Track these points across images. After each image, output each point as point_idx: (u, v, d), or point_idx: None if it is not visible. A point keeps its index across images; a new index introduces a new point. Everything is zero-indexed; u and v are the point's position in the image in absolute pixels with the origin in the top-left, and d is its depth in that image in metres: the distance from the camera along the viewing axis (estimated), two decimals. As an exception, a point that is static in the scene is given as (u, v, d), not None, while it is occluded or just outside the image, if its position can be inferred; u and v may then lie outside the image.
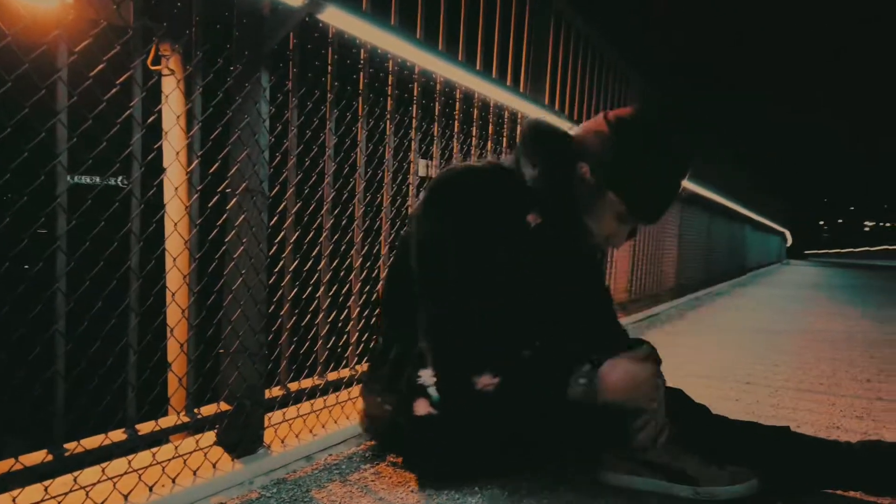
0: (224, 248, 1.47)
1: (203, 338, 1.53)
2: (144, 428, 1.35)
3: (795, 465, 1.41)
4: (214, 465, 1.41)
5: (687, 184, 4.14)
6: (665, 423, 1.36)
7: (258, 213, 1.51)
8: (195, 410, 1.45)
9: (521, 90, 2.97)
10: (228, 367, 1.51)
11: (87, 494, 1.18)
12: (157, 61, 1.84)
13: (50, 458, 1.18)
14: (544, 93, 3.14)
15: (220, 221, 1.47)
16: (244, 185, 1.47)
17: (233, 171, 1.47)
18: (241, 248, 1.47)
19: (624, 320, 4.45)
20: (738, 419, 1.53)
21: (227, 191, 1.49)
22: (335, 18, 1.64)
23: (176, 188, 1.37)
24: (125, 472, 1.28)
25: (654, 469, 1.42)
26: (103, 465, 1.26)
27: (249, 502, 1.34)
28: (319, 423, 1.73)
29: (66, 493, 1.16)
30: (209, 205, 1.47)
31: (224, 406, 1.50)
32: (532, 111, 2.90)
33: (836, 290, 8.93)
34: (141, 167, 1.30)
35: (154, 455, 1.34)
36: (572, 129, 1.54)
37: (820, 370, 2.92)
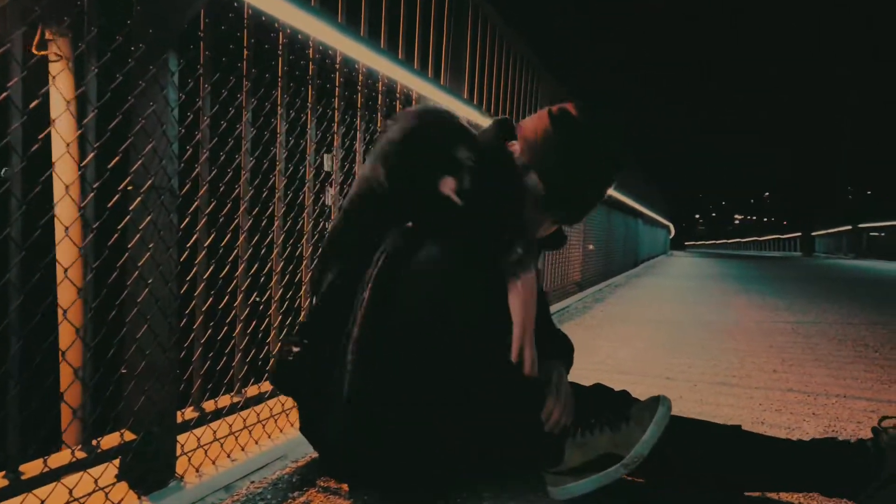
0: (126, 255, 1.24)
1: (103, 359, 1.29)
2: (30, 469, 1.11)
3: (751, 467, 1.33)
4: (118, 506, 1.19)
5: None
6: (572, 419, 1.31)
7: (167, 215, 1.28)
8: (93, 443, 1.22)
9: (442, 83, 2.82)
10: (133, 390, 1.28)
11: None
12: (42, 45, 1.58)
13: None
14: (464, 86, 3.00)
15: (121, 225, 1.23)
16: (150, 181, 1.24)
17: (136, 165, 1.23)
18: (147, 254, 1.24)
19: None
20: (690, 417, 1.44)
21: (129, 188, 1.26)
22: (252, -5, 1.43)
23: (67, 186, 1.13)
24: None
25: (583, 469, 1.31)
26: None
27: (161, 549, 1.12)
28: (238, 446, 1.52)
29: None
30: (108, 205, 1.23)
31: (129, 435, 1.27)
32: (452, 105, 2.76)
33: (719, 279, 9.31)
34: (22, 161, 1.06)
35: (43, 502, 1.10)
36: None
37: (729, 362, 2.94)
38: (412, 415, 1.27)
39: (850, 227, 23.30)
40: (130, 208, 1.24)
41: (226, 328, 1.57)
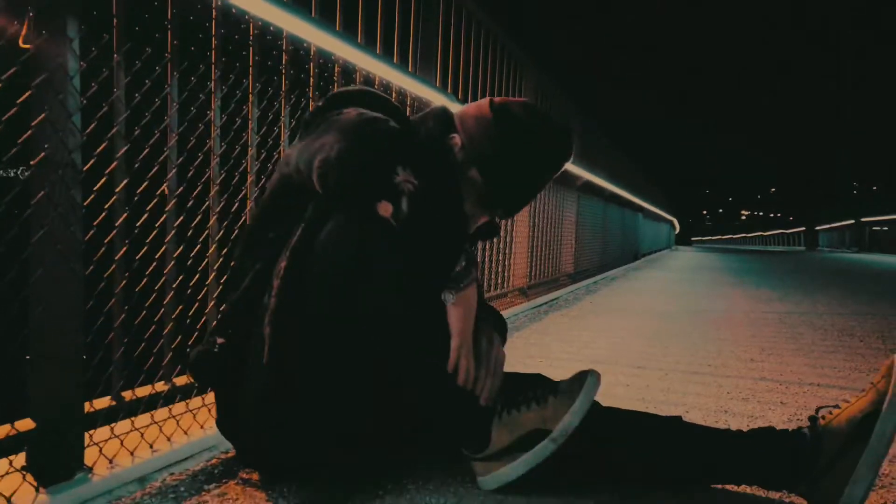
0: (12, 231, 1.14)
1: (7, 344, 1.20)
2: None
3: (682, 459, 1.22)
4: (9, 500, 1.09)
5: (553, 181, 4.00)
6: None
7: (67, 190, 1.18)
8: (-16, 432, 1.12)
9: (410, 69, 2.71)
10: (33, 377, 1.19)
11: None
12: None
13: None
14: (434, 73, 2.90)
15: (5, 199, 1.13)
16: (41, 154, 1.15)
17: (25, 137, 1.14)
18: (41, 231, 1.15)
19: (524, 305, 4.29)
20: (627, 409, 1.33)
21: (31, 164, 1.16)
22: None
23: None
24: None
25: (511, 450, 1.21)
26: None
27: (47, 545, 1.02)
28: (164, 437, 1.42)
29: None
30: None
31: (27, 424, 1.18)
32: (422, 91, 2.65)
33: (718, 272, 9.15)
34: None
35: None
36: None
37: (707, 351, 2.82)
38: (327, 391, 1.17)
39: (852, 222, 22.99)
40: (20, 178, 1.14)
41: (162, 310, 1.48)
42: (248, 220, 1.32)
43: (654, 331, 3.42)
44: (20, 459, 1.18)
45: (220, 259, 1.64)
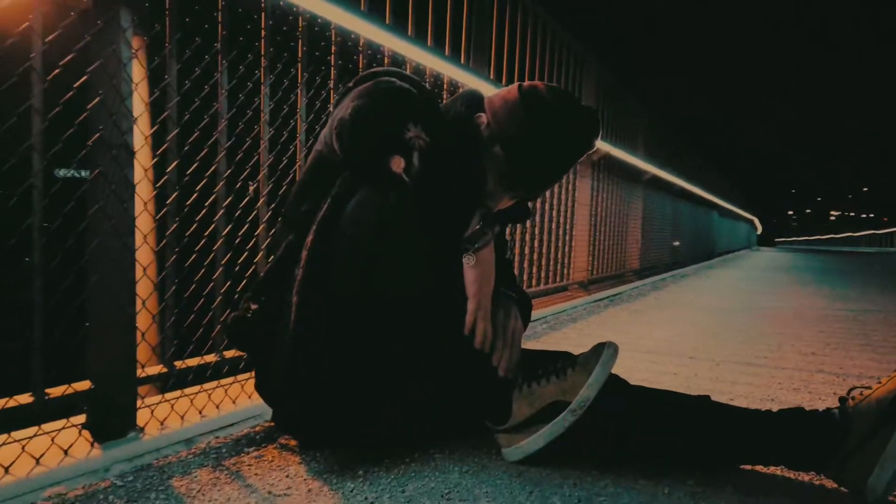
0: (70, 206, 1.24)
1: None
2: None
3: (708, 438, 1.19)
4: (66, 451, 1.18)
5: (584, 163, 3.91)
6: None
7: (120, 170, 1.27)
8: (45, 391, 1.22)
9: (462, 61, 2.73)
10: (93, 342, 1.29)
11: None
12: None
13: None
14: (488, 65, 2.91)
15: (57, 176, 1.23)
16: (97, 136, 1.24)
17: (81, 118, 1.23)
18: (95, 206, 1.24)
19: (585, 299, 4.24)
20: (654, 388, 1.31)
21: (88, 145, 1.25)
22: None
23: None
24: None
25: (532, 422, 1.22)
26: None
27: (96, 493, 1.11)
28: (213, 404, 1.51)
29: None
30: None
31: (84, 385, 1.27)
32: (474, 83, 2.67)
33: (796, 272, 8.75)
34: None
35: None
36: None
37: (766, 344, 2.72)
38: (351, 364, 1.21)
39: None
40: (79, 158, 1.24)
41: (212, 284, 1.56)
42: (290, 197, 1.37)
43: (716, 325, 3.32)
44: (79, 420, 1.28)
45: (268, 238, 1.72)
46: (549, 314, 3.48)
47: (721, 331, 3.10)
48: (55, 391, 1.24)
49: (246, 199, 1.65)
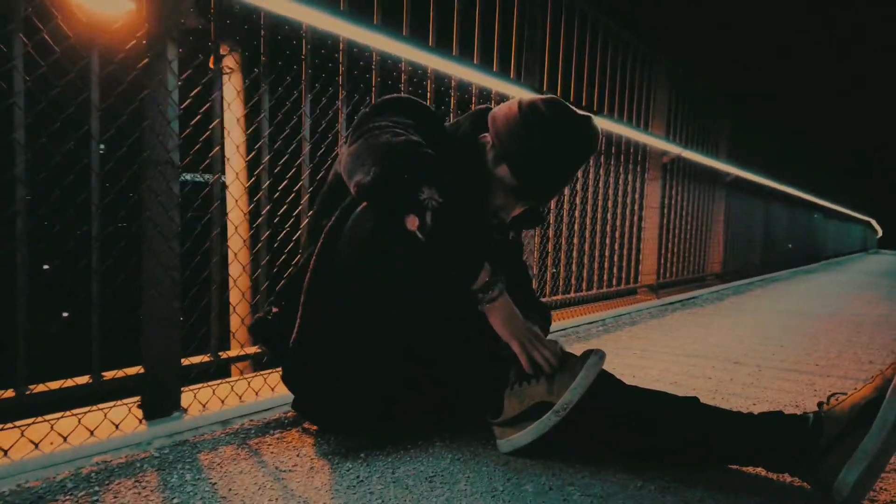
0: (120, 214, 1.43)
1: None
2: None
3: (686, 437, 1.23)
4: (117, 426, 1.38)
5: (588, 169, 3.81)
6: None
7: (166, 183, 1.46)
8: (102, 374, 1.42)
9: (512, 76, 2.81)
10: (146, 333, 1.48)
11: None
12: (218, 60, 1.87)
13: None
14: (540, 77, 2.97)
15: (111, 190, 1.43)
16: (145, 154, 1.42)
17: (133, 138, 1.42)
18: (146, 213, 1.43)
19: (650, 303, 4.19)
20: (649, 389, 1.35)
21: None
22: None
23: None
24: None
25: (521, 419, 1.30)
26: None
27: (135, 462, 1.28)
28: (252, 391, 1.68)
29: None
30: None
31: (137, 370, 1.47)
32: (525, 95, 2.74)
33: (908, 277, 8.15)
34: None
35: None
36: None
37: (826, 351, 2.62)
38: (352, 365, 1.32)
39: None
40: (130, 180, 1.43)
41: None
42: (310, 216, 1.53)
43: (781, 330, 3.21)
44: (133, 401, 1.47)
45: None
46: (608, 317, 3.48)
47: (784, 336, 3.00)
48: (110, 374, 1.44)
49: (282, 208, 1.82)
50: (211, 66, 1.81)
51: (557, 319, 3.13)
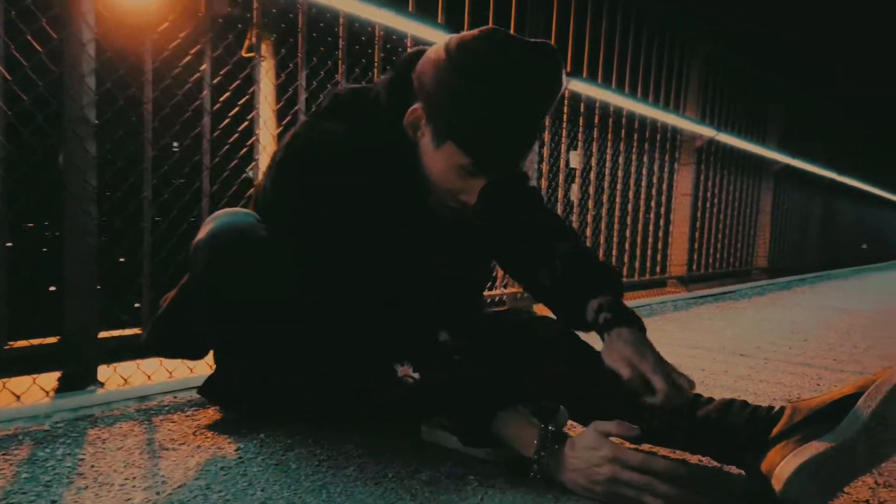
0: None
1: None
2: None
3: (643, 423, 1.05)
4: (18, 397, 1.30)
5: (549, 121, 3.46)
6: None
7: (80, 143, 1.37)
8: (8, 343, 1.35)
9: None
10: (63, 302, 1.40)
11: None
12: (251, 48, 1.82)
13: None
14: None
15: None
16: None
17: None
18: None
19: (675, 296, 3.93)
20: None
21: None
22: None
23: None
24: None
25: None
26: None
27: (21, 434, 1.19)
28: (187, 368, 1.58)
29: None
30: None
31: (52, 340, 1.39)
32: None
33: None
34: None
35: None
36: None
37: (852, 346, 2.36)
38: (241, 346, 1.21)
39: None
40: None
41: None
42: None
43: (812, 324, 2.93)
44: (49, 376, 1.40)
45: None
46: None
47: (812, 330, 2.74)
48: (20, 343, 1.37)
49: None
50: (244, 54, 1.77)
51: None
